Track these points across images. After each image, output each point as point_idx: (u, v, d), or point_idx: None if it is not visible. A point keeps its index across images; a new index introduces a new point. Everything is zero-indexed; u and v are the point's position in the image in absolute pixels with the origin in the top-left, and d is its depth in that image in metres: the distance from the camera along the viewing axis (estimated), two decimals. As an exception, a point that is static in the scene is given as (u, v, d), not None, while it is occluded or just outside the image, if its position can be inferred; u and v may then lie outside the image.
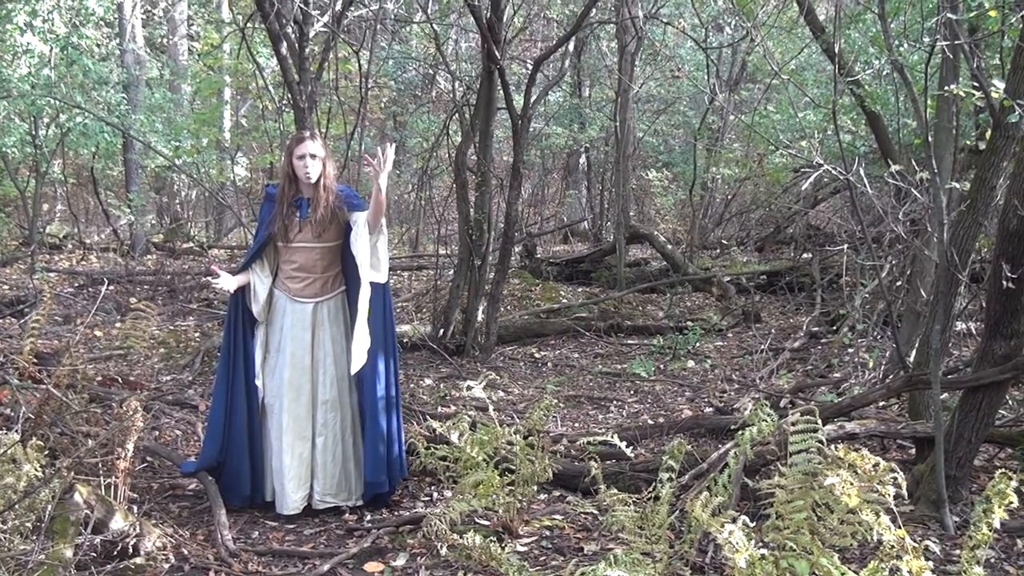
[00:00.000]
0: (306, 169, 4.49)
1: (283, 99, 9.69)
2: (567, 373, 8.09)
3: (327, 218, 4.55)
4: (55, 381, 4.75)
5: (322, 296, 4.66)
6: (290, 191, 4.58)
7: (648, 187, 17.38)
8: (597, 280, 12.48)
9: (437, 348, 8.29)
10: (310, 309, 4.63)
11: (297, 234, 4.58)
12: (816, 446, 3.23)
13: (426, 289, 11.12)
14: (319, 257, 4.62)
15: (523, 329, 9.51)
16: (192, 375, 7.50)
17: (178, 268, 13.09)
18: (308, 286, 4.64)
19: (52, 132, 13.98)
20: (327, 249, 4.62)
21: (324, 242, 4.60)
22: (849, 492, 2.85)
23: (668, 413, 6.69)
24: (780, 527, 3.14)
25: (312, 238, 4.57)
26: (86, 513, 3.57)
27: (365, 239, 4.51)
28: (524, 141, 8.59)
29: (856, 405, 5.09)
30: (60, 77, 12.65)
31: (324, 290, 4.66)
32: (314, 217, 4.54)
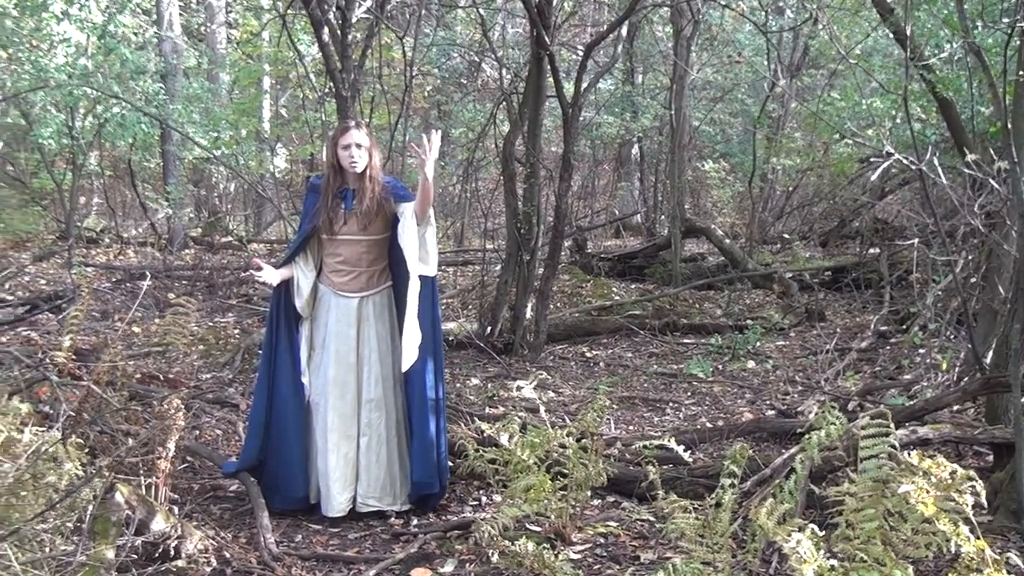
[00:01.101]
0: (352, 159, 4.52)
1: (325, 88, 9.76)
2: (620, 373, 8.07)
3: (373, 210, 4.58)
4: (95, 378, 4.82)
5: (368, 291, 4.68)
6: (335, 182, 4.62)
7: (704, 179, 17.27)
8: (651, 276, 12.42)
9: (484, 347, 8.31)
10: (355, 304, 4.66)
11: (342, 226, 4.60)
12: (888, 452, 3.18)
13: (472, 285, 11.15)
14: (365, 250, 4.65)
15: (574, 327, 9.50)
16: (232, 373, 7.59)
17: (217, 263, 13.24)
18: (353, 280, 4.66)
19: (89, 123, 14.19)
20: (373, 242, 4.65)
21: (370, 235, 4.62)
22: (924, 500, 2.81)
23: (727, 416, 6.64)
24: (850, 537, 3.11)
25: (358, 230, 4.60)
26: (127, 514, 3.62)
27: (413, 230, 4.53)
28: (574, 131, 8.57)
29: (929, 409, 5.01)
30: (97, 66, 12.85)
31: (370, 284, 4.69)
32: (360, 208, 4.56)
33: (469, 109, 14.61)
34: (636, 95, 15.96)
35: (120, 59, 12.61)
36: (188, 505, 4.60)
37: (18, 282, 11.16)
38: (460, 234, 16.27)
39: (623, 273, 12.81)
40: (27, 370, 5.62)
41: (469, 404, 6.73)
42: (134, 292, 10.99)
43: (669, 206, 13.15)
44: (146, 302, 9.78)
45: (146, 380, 6.63)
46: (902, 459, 3.06)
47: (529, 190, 8.40)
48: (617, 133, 16.10)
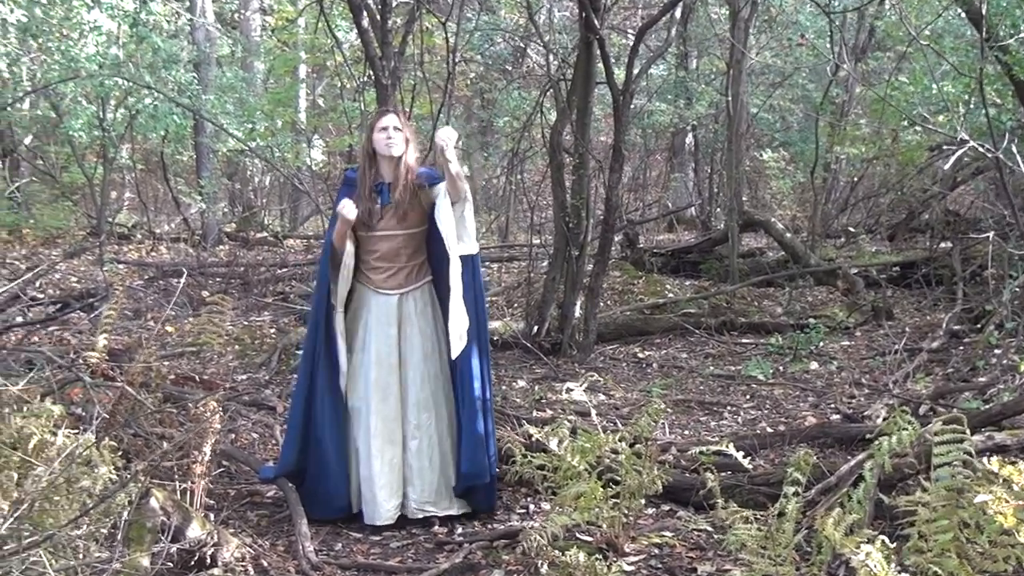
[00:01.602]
0: (388, 139, 4.56)
1: (363, 76, 9.81)
2: (675, 375, 8.04)
3: (407, 199, 4.61)
4: (128, 379, 4.89)
5: (407, 286, 4.70)
6: (371, 174, 4.64)
7: (763, 169, 17.13)
8: (707, 272, 12.35)
9: (531, 347, 8.31)
10: (395, 301, 4.68)
11: (379, 221, 4.63)
12: (963, 459, 3.14)
13: (518, 282, 11.15)
14: (403, 244, 4.67)
15: (625, 326, 9.48)
16: (269, 374, 7.66)
17: (252, 259, 13.38)
18: (392, 276, 4.68)
19: (120, 115, 14.39)
20: (411, 236, 4.68)
21: (408, 228, 4.66)
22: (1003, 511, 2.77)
23: (789, 420, 6.60)
24: (922, 549, 3.07)
25: (395, 224, 4.63)
26: (163, 520, 3.68)
27: (448, 210, 4.55)
28: (625, 119, 8.55)
29: (1007, 413, 4.95)
30: (128, 56, 13.00)
31: (409, 280, 4.71)
32: (394, 198, 4.59)
33: (514, 97, 14.61)
34: (690, 81, 15.87)
35: (152, 48, 12.75)
36: (224, 511, 4.65)
37: (49, 280, 11.35)
38: (505, 229, 16.30)
39: (677, 269, 12.75)
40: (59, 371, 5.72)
41: (516, 407, 6.73)
42: (167, 290, 11.13)
43: (726, 198, 13.07)
44: (180, 300, 9.90)
45: (180, 381, 6.71)
46: (978, 466, 3.02)
47: (578, 182, 8.38)
48: (670, 121, 16.02)
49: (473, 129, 20.03)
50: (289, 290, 11.51)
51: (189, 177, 18.36)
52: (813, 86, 16.56)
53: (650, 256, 12.66)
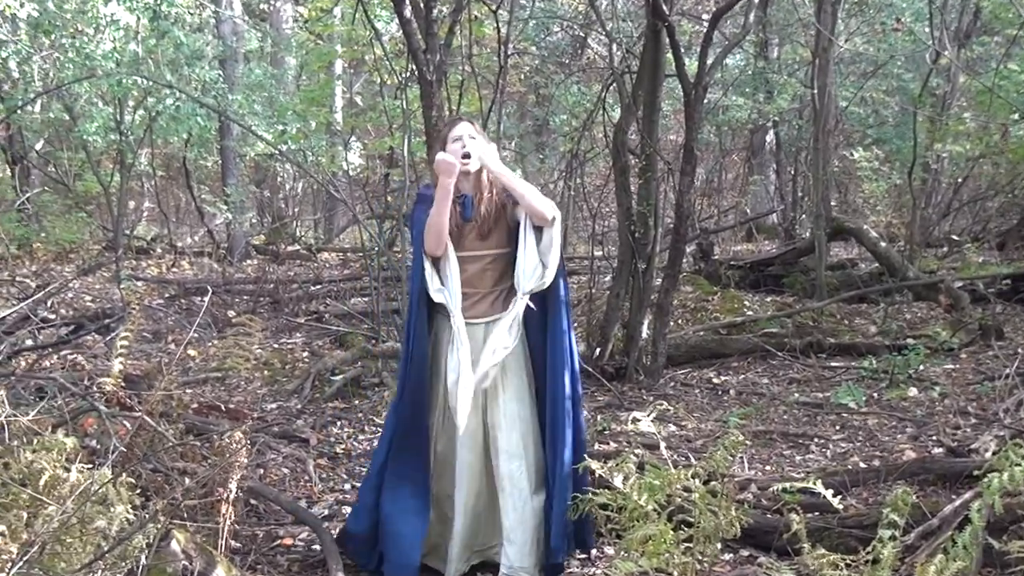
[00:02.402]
0: (464, 148, 4.53)
1: (406, 72, 9.87)
2: (755, 403, 7.98)
3: (492, 214, 4.55)
4: (147, 409, 4.94)
5: (492, 315, 4.62)
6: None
7: (854, 170, 16.98)
8: (791, 287, 12.27)
9: (593, 371, 8.29)
10: (480, 333, 4.58)
11: (462, 239, 4.57)
12: (1086, 499, 3.09)
13: (578, 299, 11.13)
14: (488, 267, 4.59)
15: (698, 348, 9.43)
16: (301, 402, 7.72)
17: (283, 275, 13.52)
18: (475, 304, 4.58)
19: (139, 117, 14.61)
20: (496, 257, 4.59)
21: (492, 248, 4.56)
22: None
23: (885, 454, 6.52)
24: (1039, 601, 3.02)
25: (479, 243, 4.55)
26: (184, 564, 3.71)
27: (531, 238, 4.50)
28: (698, 115, 8.52)
29: None
30: (148, 52, 13.21)
31: (495, 308, 4.58)
32: (478, 213, 4.56)
33: (573, 92, 14.64)
34: (771, 72, 15.80)
35: (174, 43, 12.93)
36: (252, 555, 4.69)
37: (62, 299, 11.55)
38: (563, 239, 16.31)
39: (757, 283, 12.68)
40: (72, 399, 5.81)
41: (575, 439, 6.71)
42: (190, 309, 11.28)
43: (812, 203, 12.97)
44: (204, 321, 10.02)
45: (204, 411, 6.78)
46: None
47: (645, 186, 8.37)
48: (749, 117, 15.96)
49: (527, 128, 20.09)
50: (324, 309, 11.62)
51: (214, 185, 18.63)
52: (910, 76, 16.42)
53: (726, 269, 12.61)
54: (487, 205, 4.55)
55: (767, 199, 18.00)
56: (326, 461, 6.49)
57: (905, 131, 15.04)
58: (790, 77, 15.68)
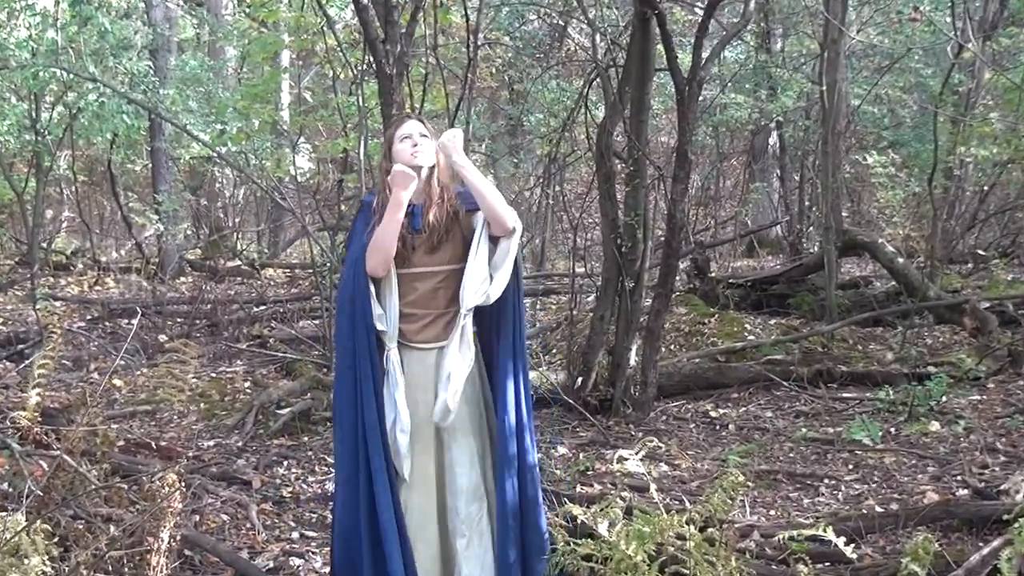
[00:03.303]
0: (414, 147, 4.49)
1: (362, 64, 9.88)
2: (757, 439, 8.00)
3: (443, 222, 4.51)
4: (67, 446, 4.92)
5: (447, 339, 4.62)
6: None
7: (868, 176, 17.09)
8: (797, 308, 12.31)
9: (574, 403, 8.30)
10: (432, 358, 4.55)
11: (412, 254, 4.53)
12: None
13: (557, 322, 11.15)
14: (440, 285, 4.54)
15: (693, 377, 9.44)
16: (242, 439, 7.68)
17: (222, 295, 13.47)
18: (427, 327, 4.55)
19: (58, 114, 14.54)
20: (449, 274, 4.54)
21: (445, 263, 4.51)
22: None
23: (904, 496, 6.54)
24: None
25: (429, 258, 4.52)
26: (110, 625, 3.69)
27: (485, 250, 4.49)
28: (693, 115, 8.56)
29: None
30: (69, 41, 13.14)
31: (449, 331, 4.61)
32: (427, 223, 4.53)
33: (551, 88, 14.66)
34: (774, 66, 15.88)
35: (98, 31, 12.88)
36: (187, 613, 4.66)
37: (-32, 321, 11.47)
38: (540, 254, 16.34)
39: (759, 304, 12.70)
40: (-20, 436, 5.76)
41: (555, 481, 6.71)
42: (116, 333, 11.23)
43: (820, 214, 13.03)
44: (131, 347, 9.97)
45: (132, 449, 6.75)
46: None
47: (633, 195, 8.39)
48: (749, 117, 16.03)
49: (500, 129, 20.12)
50: (268, 333, 11.58)
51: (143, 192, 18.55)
52: (930, 71, 16.55)
53: (725, 288, 12.63)
54: (437, 214, 4.50)
55: (770, 209, 18.08)
56: (271, 506, 6.45)
57: (924, 133, 15.15)
58: (795, 72, 15.79)
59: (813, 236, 15.43)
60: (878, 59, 17.16)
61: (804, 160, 16.51)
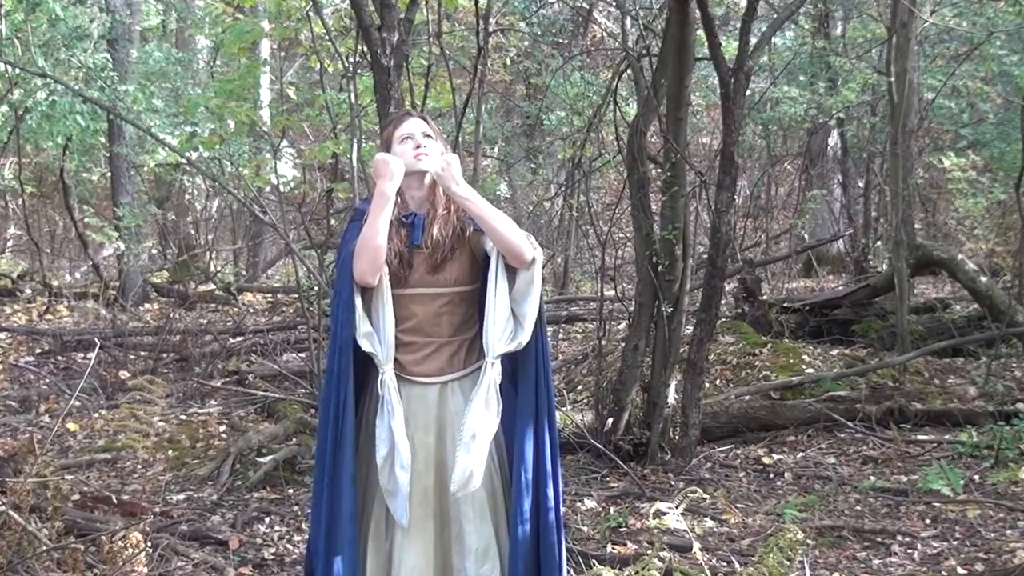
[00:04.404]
0: (417, 147, 4.44)
1: (355, 55, 9.91)
2: (818, 489, 7.97)
3: (448, 238, 4.48)
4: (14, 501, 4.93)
5: (452, 373, 4.53)
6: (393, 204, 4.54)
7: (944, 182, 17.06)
8: (863, 336, 12.29)
9: (604, 449, 8.29)
10: (434, 395, 4.53)
11: (412, 273, 4.51)
12: None
13: (583, 354, 11.15)
14: (444, 309, 4.52)
15: (743, 417, 9.42)
16: (217, 492, 7.69)
17: (192, 324, 13.48)
18: (428, 358, 4.53)
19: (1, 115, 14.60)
20: (455, 297, 4.53)
21: (449, 284, 4.49)
22: None
23: (991, 556, 6.52)
24: None
25: (431, 277, 4.50)
26: None
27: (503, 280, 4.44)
28: (739, 112, 8.55)
29: None
30: (15, 31, 13.20)
31: (454, 363, 4.53)
32: (430, 237, 4.51)
33: (575, 82, 14.70)
34: (834, 54, 15.89)
35: (49, 18, 12.93)
36: None
37: (-101, 356, 11.51)
38: (563, 275, 16.34)
39: (819, 332, 12.68)
40: (-87, 489, 5.78)
41: (582, 539, 6.70)
42: (70, 369, 11.26)
43: (889, 226, 13.02)
44: (88, 385, 9.99)
45: (89, 504, 6.75)
46: None
47: (670, 205, 8.38)
48: (805, 114, 16.04)
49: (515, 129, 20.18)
50: (247, 368, 11.59)
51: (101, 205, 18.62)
52: (1016, 59, 16.52)
53: (779, 313, 12.61)
54: (442, 229, 4.48)
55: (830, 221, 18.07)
56: (251, 570, 6.45)
57: (1010, 131, 15.12)
58: (859, 61, 15.79)
59: (881, 252, 15.40)
60: (955, 45, 17.14)
61: (870, 163, 16.52)
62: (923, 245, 13.19)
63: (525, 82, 18.54)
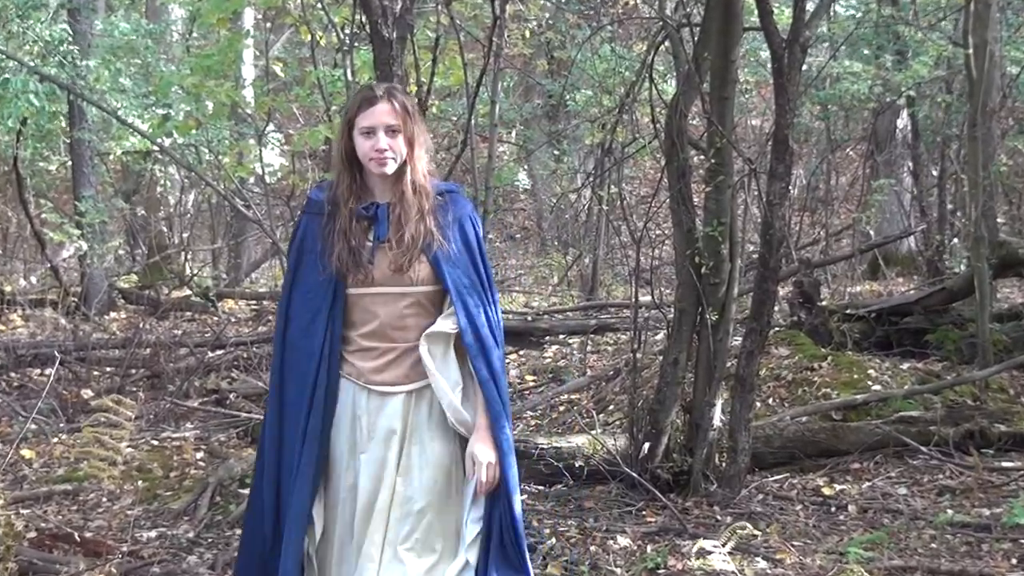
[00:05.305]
0: (379, 154, 4.51)
1: (351, 26, 9.92)
2: (887, 524, 7.95)
3: (419, 243, 4.56)
4: (-38, 539, 4.94)
5: (415, 381, 4.67)
6: (352, 192, 4.61)
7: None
8: (938, 348, 12.26)
9: (639, 478, 8.27)
10: (397, 405, 4.64)
11: (373, 270, 4.59)
12: None
13: (614, 369, 11.13)
14: (410, 310, 4.63)
15: (799, 441, 9.40)
16: (194, 528, 7.69)
17: (166, 335, 13.49)
18: (391, 364, 4.63)
19: (-54, 96, 14.64)
20: (422, 297, 4.64)
21: (415, 284, 4.60)
22: None
23: (1088, 602, 6.51)
24: None
25: (395, 276, 4.58)
26: None
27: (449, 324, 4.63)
28: (794, 90, 8.54)
29: None
30: (-40, 0, 13.27)
31: (418, 371, 4.66)
32: (397, 239, 4.57)
33: (604, 56, 14.71)
34: (903, 23, 15.87)
35: (0, -16, 12.98)
36: None
37: None
38: (591, 278, 16.33)
39: (887, 342, 12.65)
40: None
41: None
42: (25, 388, 11.27)
43: (968, 220, 13.01)
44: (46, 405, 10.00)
45: (47, 542, 6.77)
46: None
47: (715, 197, 8.37)
48: (870, 91, 16.02)
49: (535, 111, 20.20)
50: (228, 387, 11.59)
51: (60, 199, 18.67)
52: (1115, 27, 16.51)
53: (840, 321, 12.60)
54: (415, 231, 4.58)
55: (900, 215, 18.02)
56: (232, 618, 6.47)
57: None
58: (931, 31, 15.76)
59: (959, 250, 15.38)
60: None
61: (945, 149, 16.48)
62: (1007, 242, 13.16)
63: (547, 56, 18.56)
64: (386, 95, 4.59)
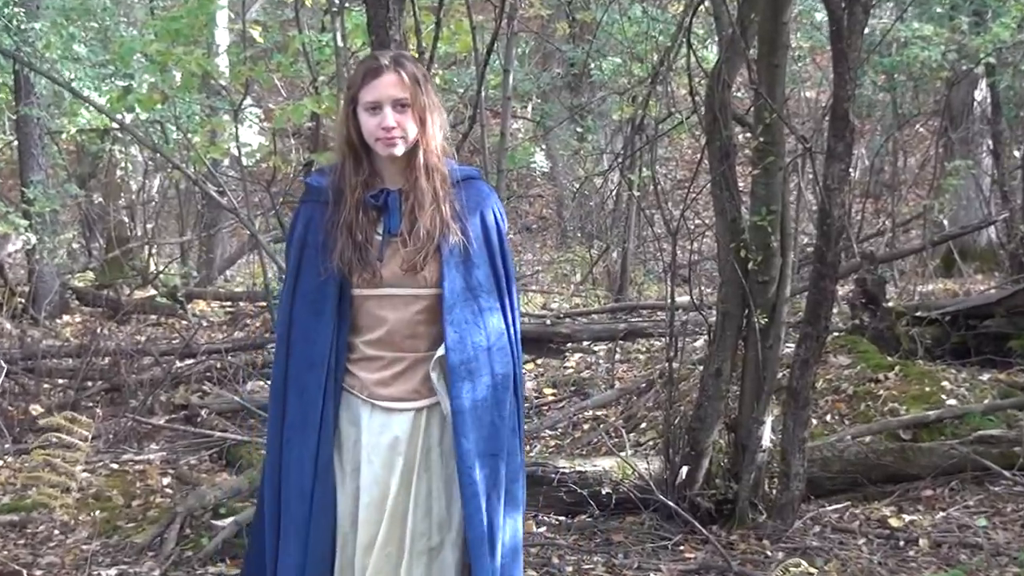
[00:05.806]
0: (386, 131, 4.51)
1: (341, -15, 9.94)
2: (964, 561, 7.95)
3: (435, 236, 4.54)
4: None
5: (426, 397, 4.67)
6: (358, 177, 4.60)
7: None
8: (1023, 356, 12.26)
9: (676, 507, 8.28)
10: (404, 424, 4.65)
11: (381, 268, 4.57)
12: None
13: (647, 380, 11.13)
14: (422, 315, 4.63)
15: (862, 465, 9.39)
16: (161, 566, 7.70)
17: (127, 342, 13.51)
18: (399, 376, 4.64)
19: None
20: (437, 300, 4.62)
21: (428, 286, 4.59)
22: None
23: None
24: None
25: (406, 275, 4.57)
26: None
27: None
28: (855, 57, 8.53)
29: None
30: None
31: (429, 386, 4.62)
32: (411, 233, 4.56)
33: (634, 18, 14.72)
34: (980, -18, 15.89)
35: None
36: None
37: None
38: (620, 276, 16.32)
39: (963, 350, 12.64)
40: None
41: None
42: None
43: (1057, 208, 13.00)
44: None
45: (-10, 581, 6.79)
46: None
47: (764, 181, 8.36)
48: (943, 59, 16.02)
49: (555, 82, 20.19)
50: (199, 401, 11.60)
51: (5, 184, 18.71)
52: None
53: (910, 325, 12.59)
54: (430, 223, 4.55)
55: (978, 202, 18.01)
56: (205, 669, 6.49)
57: None
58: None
59: (1046, 243, 15.39)
60: None
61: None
62: (1103, 234, 13.16)
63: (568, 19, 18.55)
64: (392, 64, 4.55)
